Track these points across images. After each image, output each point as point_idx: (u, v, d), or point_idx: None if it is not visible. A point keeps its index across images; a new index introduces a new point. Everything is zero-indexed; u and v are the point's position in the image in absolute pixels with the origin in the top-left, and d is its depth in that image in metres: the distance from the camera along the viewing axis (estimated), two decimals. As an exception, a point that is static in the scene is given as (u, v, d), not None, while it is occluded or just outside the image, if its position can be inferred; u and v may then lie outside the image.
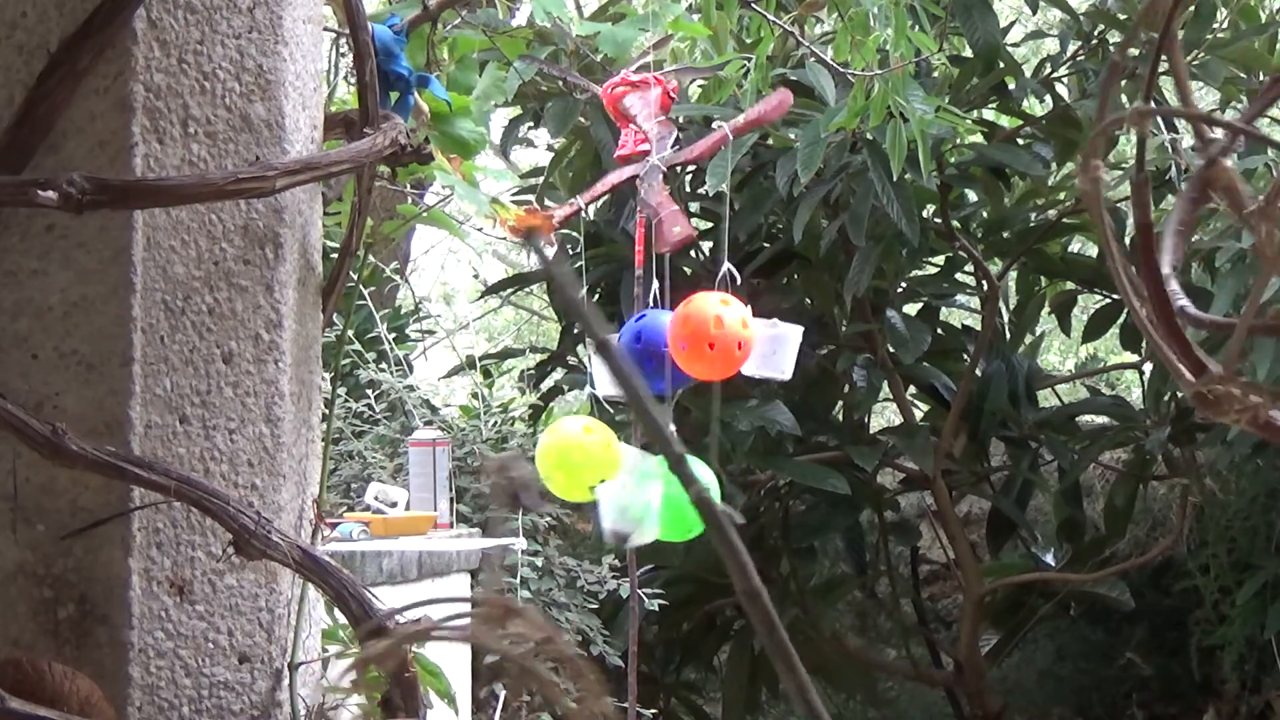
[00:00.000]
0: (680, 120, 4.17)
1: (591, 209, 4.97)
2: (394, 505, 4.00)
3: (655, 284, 2.62)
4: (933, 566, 6.32)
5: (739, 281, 2.56)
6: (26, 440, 1.48)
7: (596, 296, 5.15)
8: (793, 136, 4.47)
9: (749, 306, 2.47)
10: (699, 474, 2.31)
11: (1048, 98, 5.26)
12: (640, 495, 2.34)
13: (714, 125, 4.89)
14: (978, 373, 5.16)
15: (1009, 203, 5.36)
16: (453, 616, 1.39)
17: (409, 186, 2.11)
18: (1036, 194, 5.43)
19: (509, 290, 6.31)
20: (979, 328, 5.48)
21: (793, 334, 2.51)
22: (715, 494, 2.39)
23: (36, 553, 1.54)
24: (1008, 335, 5.48)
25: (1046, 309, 5.64)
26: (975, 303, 5.67)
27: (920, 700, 6.12)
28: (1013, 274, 5.50)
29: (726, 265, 2.57)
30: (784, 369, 2.51)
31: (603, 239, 5.01)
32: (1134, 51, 4.88)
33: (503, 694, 4.15)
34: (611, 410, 3.13)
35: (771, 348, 2.48)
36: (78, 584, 1.54)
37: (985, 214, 5.39)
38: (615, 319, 5.04)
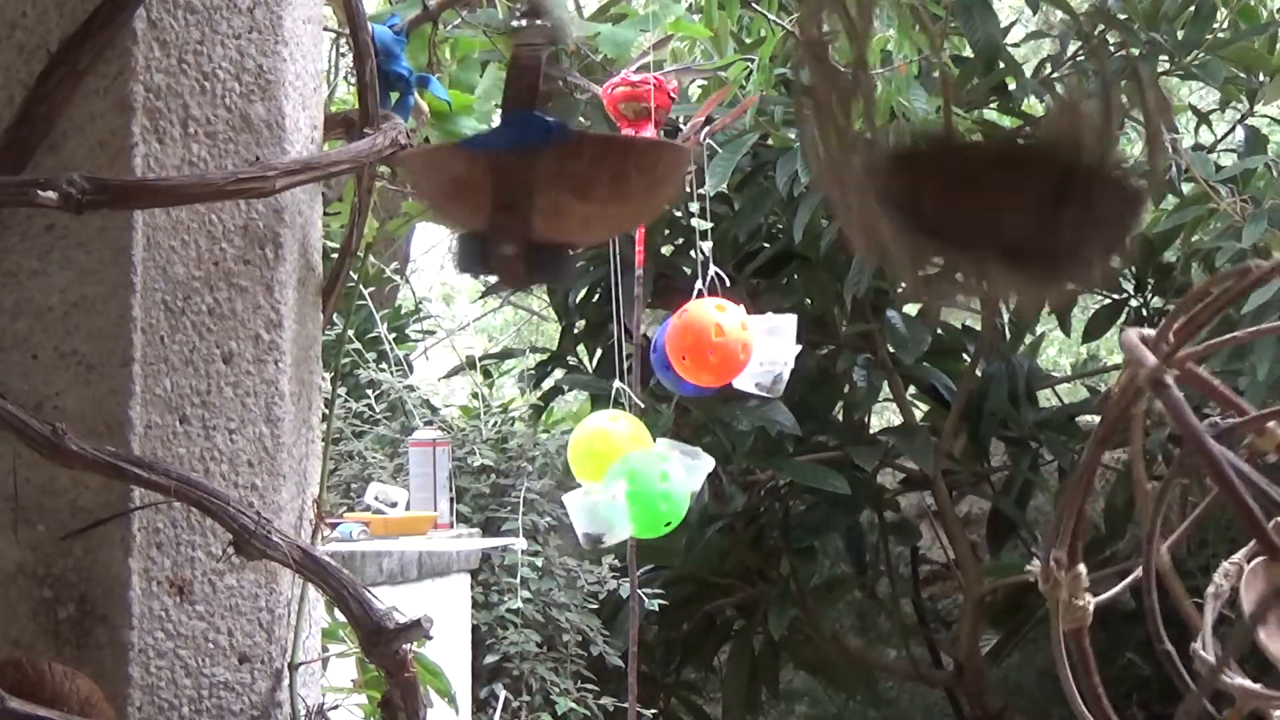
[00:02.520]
0: (680, 120, 4.17)
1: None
2: (394, 505, 4.00)
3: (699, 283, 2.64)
4: (933, 566, 6.32)
5: (729, 284, 2.59)
6: (26, 440, 1.48)
7: (596, 296, 5.15)
8: (793, 136, 4.46)
9: (741, 305, 2.50)
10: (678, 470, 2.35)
11: (1047, 98, 5.26)
12: (606, 495, 2.39)
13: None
14: (978, 373, 5.16)
15: (1009, 203, 5.35)
16: None
17: (409, 186, 2.11)
18: (1036, 194, 5.43)
19: (509, 290, 6.31)
20: (979, 328, 5.47)
21: (788, 323, 2.54)
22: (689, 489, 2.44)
23: (36, 553, 1.54)
24: (1008, 335, 5.47)
25: (1046, 309, 5.63)
26: (975, 303, 5.67)
27: (920, 700, 6.11)
28: (1013, 274, 5.49)
29: (714, 269, 2.59)
30: (787, 361, 2.53)
31: (602, 239, 5.01)
32: (1134, 51, 4.89)
33: (503, 694, 4.14)
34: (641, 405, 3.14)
35: (771, 339, 2.50)
36: (78, 584, 1.54)
37: (985, 214, 5.39)
38: (616, 319, 5.03)
